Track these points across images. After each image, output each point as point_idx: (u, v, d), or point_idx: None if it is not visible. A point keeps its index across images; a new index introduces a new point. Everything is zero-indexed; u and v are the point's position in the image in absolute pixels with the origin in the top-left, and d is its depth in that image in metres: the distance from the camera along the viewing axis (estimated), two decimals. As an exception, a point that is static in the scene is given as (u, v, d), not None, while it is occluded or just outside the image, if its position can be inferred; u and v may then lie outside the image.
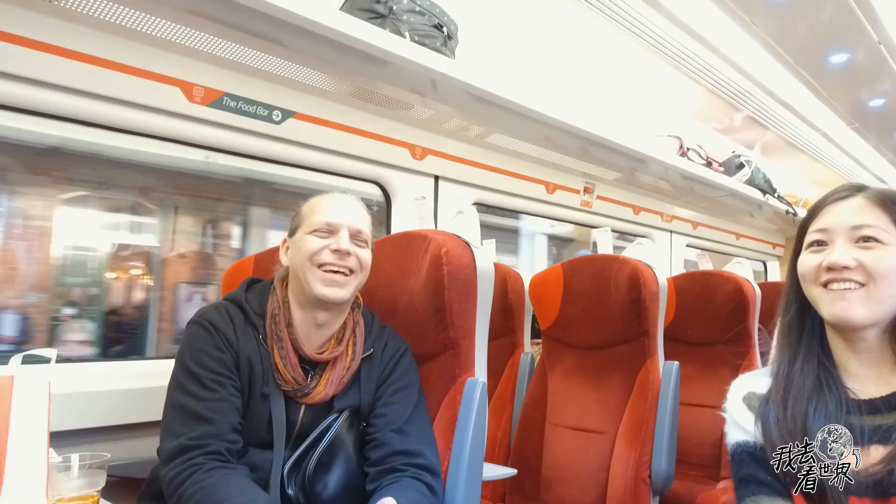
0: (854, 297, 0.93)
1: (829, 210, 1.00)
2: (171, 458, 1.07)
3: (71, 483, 0.98)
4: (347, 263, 1.22)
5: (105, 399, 1.49)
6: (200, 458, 1.07)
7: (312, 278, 1.20)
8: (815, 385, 0.98)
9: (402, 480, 1.15)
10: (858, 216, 0.96)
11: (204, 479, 1.04)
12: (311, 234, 1.22)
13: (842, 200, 0.99)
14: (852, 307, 0.93)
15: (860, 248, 0.95)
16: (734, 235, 4.48)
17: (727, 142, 3.84)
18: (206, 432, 1.09)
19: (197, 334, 1.18)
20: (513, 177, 2.66)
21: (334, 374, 1.23)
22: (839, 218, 0.98)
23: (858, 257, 0.94)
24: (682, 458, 2.29)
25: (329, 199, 1.28)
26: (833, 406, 0.95)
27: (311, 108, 1.93)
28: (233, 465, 1.10)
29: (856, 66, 3.05)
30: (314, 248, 1.21)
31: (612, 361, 2.09)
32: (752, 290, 2.56)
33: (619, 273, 2.04)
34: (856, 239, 0.95)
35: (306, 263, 1.21)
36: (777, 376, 1.02)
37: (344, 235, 1.22)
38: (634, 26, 2.47)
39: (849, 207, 0.98)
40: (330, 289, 1.20)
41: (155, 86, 1.60)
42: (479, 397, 1.27)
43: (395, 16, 1.76)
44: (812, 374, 0.99)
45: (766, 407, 1.00)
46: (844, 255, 0.94)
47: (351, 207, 1.27)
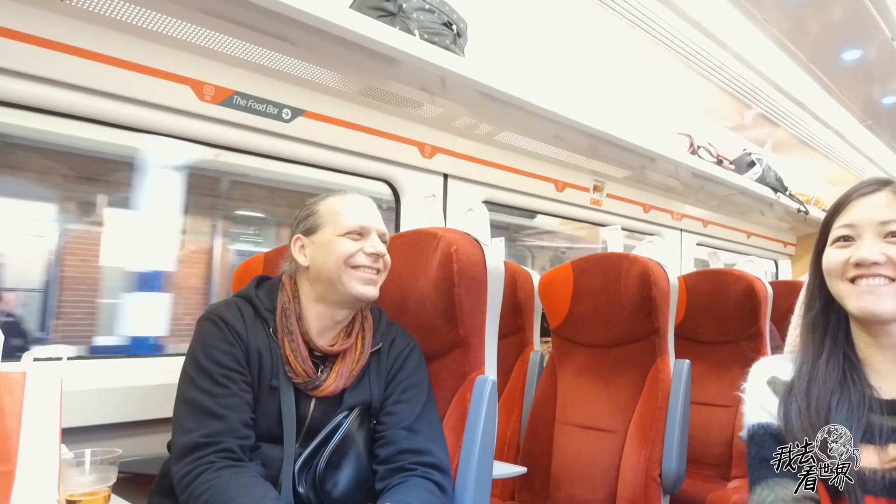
0: (885, 291, 0.92)
1: (856, 205, 0.98)
2: (183, 455, 1.08)
3: (83, 478, 0.99)
4: (379, 265, 1.27)
5: (117, 396, 1.50)
6: (212, 455, 1.07)
7: (349, 279, 1.23)
8: (839, 380, 0.96)
9: (411, 479, 1.15)
10: (886, 211, 0.95)
11: (213, 478, 1.04)
12: (344, 236, 1.24)
13: (868, 195, 0.98)
14: (882, 301, 0.92)
15: (889, 242, 0.94)
16: (745, 234, 4.45)
17: (738, 139, 3.82)
18: (217, 429, 1.09)
19: (207, 330, 1.19)
20: (522, 175, 2.65)
21: (344, 366, 1.24)
22: (866, 213, 0.96)
23: (887, 252, 0.93)
24: (692, 458, 2.28)
25: (352, 200, 1.30)
26: (856, 402, 0.93)
27: (320, 106, 1.93)
28: (243, 463, 1.10)
29: (869, 62, 3.02)
30: (350, 251, 1.23)
31: (622, 360, 2.08)
32: (764, 289, 2.54)
33: (629, 271, 2.03)
34: (884, 234, 0.94)
35: (342, 266, 1.23)
36: (801, 370, 1.01)
37: (375, 238, 1.27)
38: (645, 23, 2.45)
39: (876, 202, 0.96)
40: (367, 287, 1.24)
41: (165, 84, 1.61)
42: (489, 395, 1.27)
43: (404, 14, 1.75)
44: (837, 369, 0.98)
45: (788, 397, 0.99)
46: (874, 250, 0.93)
47: (375, 210, 1.32)
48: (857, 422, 0.92)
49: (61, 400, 0.96)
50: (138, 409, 1.51)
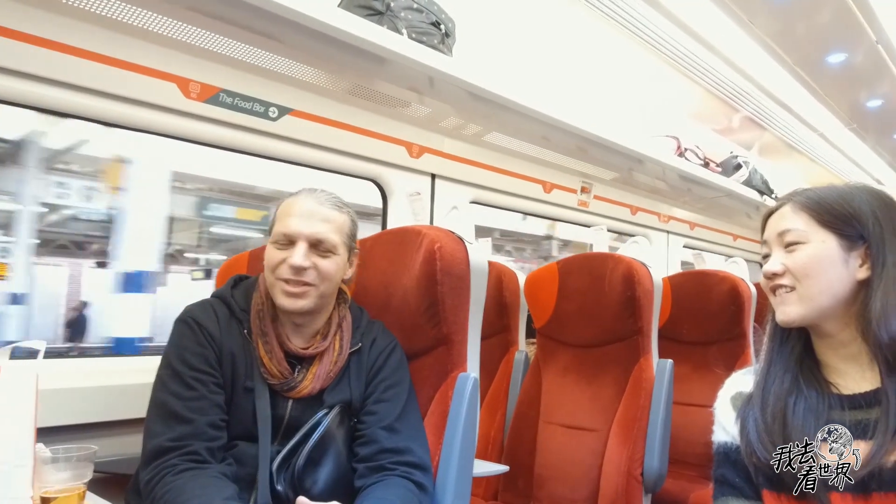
0: (789, 299, 0.98)
1: (768, 222, 1.05)
2: (150, 460, 1.08)
3: (57, 475, 0.98)
4: (304, 278, 1.18)
5: (94, 395, 1.49)
6: (175, 459, 1.07)
7: (275, 290, 1.20)
8: (794, 380, 1.00)
9: (390, 479, 1.15)
10: (783, 223, 1.01)
11: (173, 480, 1.04)
12: (273, 244, 1.20)
13: (775, 211, 1.04)
14: (787, 310, 0.99)
15: (787, 252, 0.99)
16: (731, 236, 4.48)
17: (725, 142, 3.85)
18: (184, 432, 1.09)
19: (181, 332, 1.19)
20: (510, 176, 2.65)
21: (321, 368, 1.23)
22: (772, 227, 1.03)
23: (786, 262, 0.98)
24: (675, 458, 2.29)
25: (294, 203, 1.22)
26: (814, 401, 0.96)
27: (307, 105, 1.92)
28: (207, 465, 1.09)
29: (854, 66, 3.06)
30: (274, 262, 1.19)
31: (606, 359, 2.09)
32: (748, 290, 2.57)
33: (613, 271, 2.04)
34: (784, 245, 1.00)
35: (269, 275, 1.21)
36: (758, 377, 1.04)
37: (300, 249, 1.17)
38: (633, 25, 2.47)
39: (778, 216, 1.03)
40: (289, 300, 1.18)
41: (151, 81, 1.60)
42: (471, 392, 1.28)
43: (392, 13, 1.75)
44: (792, 371, 1.01)
45: (747, 406, 1.02)
46: (774, 262, 1.00)
47: (315, 214, 1.20)
48: (817, 419, 0.94)
49: (37, 396, 0.96)
50: (116, 409, 1.50)
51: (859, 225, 0.96)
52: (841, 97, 3.47)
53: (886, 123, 3.96)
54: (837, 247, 0.96)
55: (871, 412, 0.91)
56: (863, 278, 0.95)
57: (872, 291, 0.94)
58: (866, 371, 0.95)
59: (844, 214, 0.96)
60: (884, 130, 4.10)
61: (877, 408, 0.91)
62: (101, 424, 1.47)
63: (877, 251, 0.95)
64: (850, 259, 0.96)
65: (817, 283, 0.95)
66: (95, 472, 1.04)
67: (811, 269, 0.96)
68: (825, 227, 0.97)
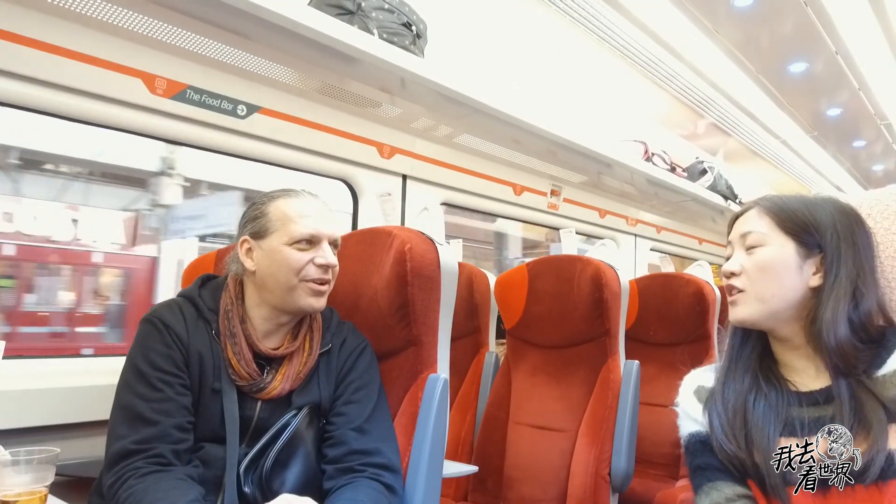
0: (742, 299, 1.01)
1: (734, 224, 1.07)
2: (113, 463, 1.06)
3: (17, 478, 0.94)
4: (330, 276, 1.22)
5: (56, 396, 1.45)
6: (139, 462, 1.05)
7: (299, 292, 1.18)
8: (754, 379, 1.02)
9: (359, 481, 1.14)
10: (746, 225, 1.03)
11: (136, 483, 1.02)
12: (292, 245, 1.18)
13: (742, 214, 1.06)
14: (739, 310, 1.01)
15: (748, 253, 1.02)
16: (697, 240, 4.57)
17: (691, 148, 3.92)
18: (149, 435, 1.07)
19: (146, 332, 1.16)
20: (481, 178, 2.67)
21: (290, 368, 1.21)
22: (736, 230, 1.05)
23: (744, 262, 1.01)
24: (642, 457, 2.32)
25: (304, 204, 1.22)
26: (773, 398, 0.98)
27: (277, 103, 1.90)
28: (171, 467, 1.08)
29: (814, 75, 3.14)
30: (300, 264, 1.18)
31: (574, 360, 2.11)
32: (713, 292, 2.62)
33: (582, 273, 2.06)
34: (745, 247, 1.02)
35: (292, 278, 1.18)
36: (719, 375, 1.06)
37: (327, 248, 1.20)
38: (602, 31, 2.51)
39: (744, 218, 1.05)
40: (318, 299, 1.21)
41: (115, 76, 1.56)
42: (441, 393, 1.28)
43: (363, 13, 1.75)
44: (750, 370, 1.03)
45: (710, 402, 1.04)
46: (734, 261, 1.02)
47: (327, 213, 1.24)
48: (777, 416, 0.96)
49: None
50: (79, 411, 1.46)
51: (818, 234, 0.98)
52: (802, 105, 3.57)
53: (846, 131, 4.08)
54: (795, 253, 0.98)
55: (828, 409, 0.94)
56: (815, 286, 0.98)
57: (823, 300, 0.96)
58: (821, 370, 0.98)
59: (805, 222, 0.99)
60: (843, 138, 4.22)
61: (832, 405, 0.94)
62: (63, 427, 1.44)
63: (831, 261, 0.97)
64: (806, 266, 0.98)
65: (771, 286, 0.98)
66: (58, 475, 1.01)
67: (767, 271, 0.98)
68: (786, 233, 0.99)
